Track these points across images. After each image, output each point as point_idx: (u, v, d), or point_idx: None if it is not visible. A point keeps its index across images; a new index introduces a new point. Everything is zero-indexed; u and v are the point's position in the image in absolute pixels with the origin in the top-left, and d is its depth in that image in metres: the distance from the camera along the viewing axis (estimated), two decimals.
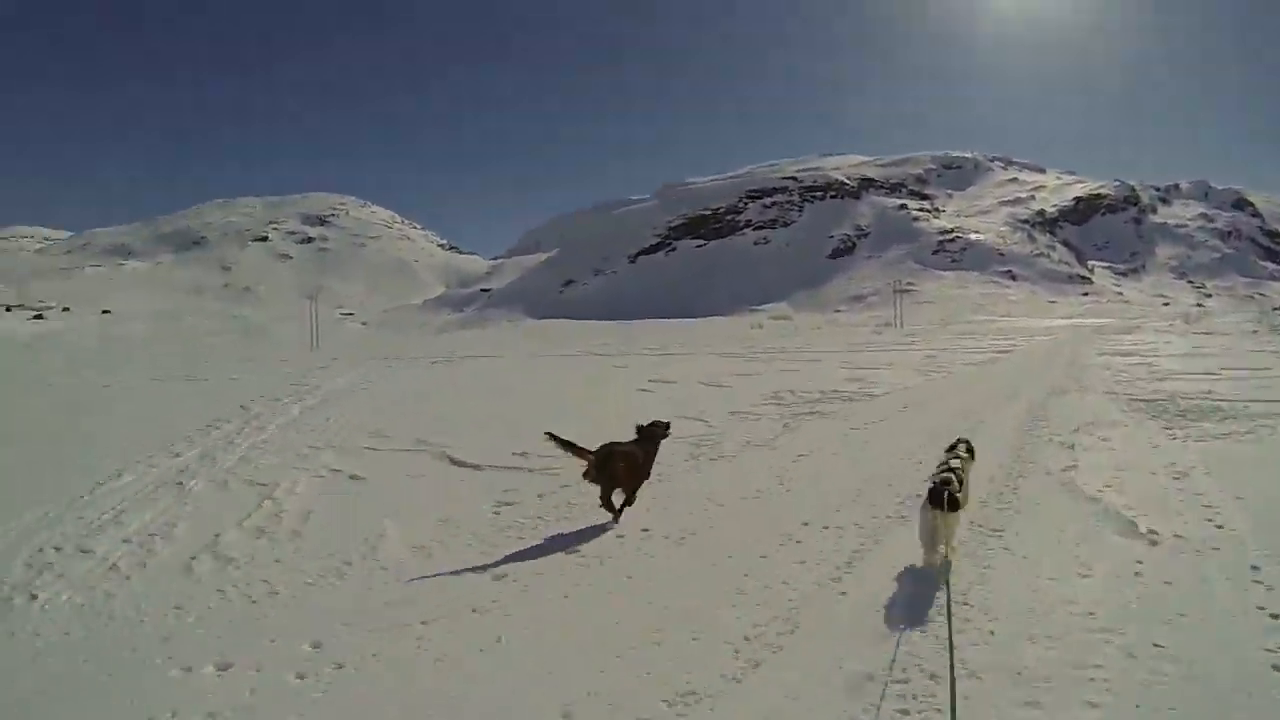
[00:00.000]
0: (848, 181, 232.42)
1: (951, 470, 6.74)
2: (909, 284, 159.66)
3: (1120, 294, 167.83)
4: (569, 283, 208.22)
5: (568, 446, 8.29)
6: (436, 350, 49.10)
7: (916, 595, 5.97)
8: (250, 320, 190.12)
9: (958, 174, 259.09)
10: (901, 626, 5.43)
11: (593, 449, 8.36)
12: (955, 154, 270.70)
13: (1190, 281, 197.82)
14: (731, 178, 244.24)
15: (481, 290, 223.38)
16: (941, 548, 6.40)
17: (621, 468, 8.39)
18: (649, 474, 8.93)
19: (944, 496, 6.27)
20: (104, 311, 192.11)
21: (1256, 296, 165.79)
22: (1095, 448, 10.86)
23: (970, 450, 7.54)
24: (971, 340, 46.18)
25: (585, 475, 8.32)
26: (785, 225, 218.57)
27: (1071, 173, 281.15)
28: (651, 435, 8.97)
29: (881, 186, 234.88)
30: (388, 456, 12.49)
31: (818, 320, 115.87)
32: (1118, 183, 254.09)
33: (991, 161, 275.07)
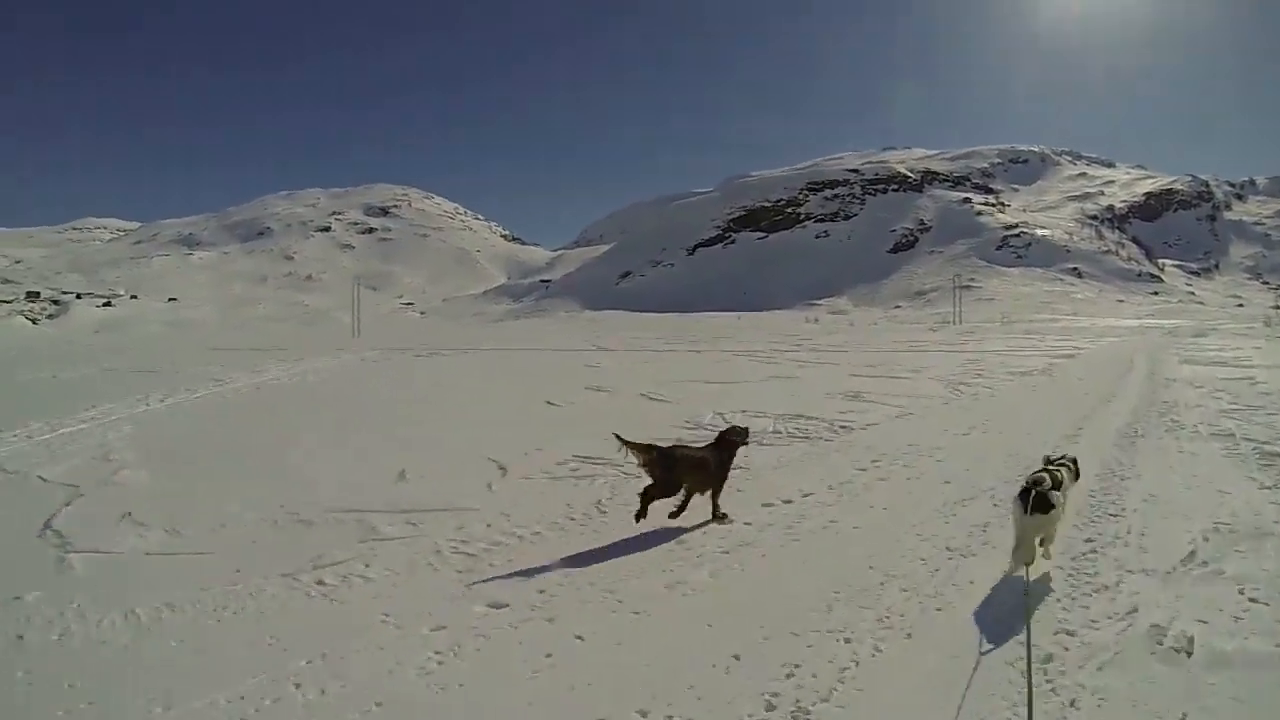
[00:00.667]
0: (910, 175, 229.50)
1: (1047, 470, 6.27)
2: (971, 280, 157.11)
3: (1192, 294, 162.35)
4: (626, 274, 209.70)
5: (634, 448, 7.74)
6: (463, 341, 49.20)
7: None
8: (311, 307, 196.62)
9: (1023, 168, 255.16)
10: None
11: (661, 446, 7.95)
12: (1021, 148, 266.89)
13: (1266, 282, 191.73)
14: (793, 170, 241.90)
15: (541, 281, 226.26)
16: (1027, 556, 5.91)
17: (685, 474, 7.82)
18: (724, 479, 8.24)
19: (1030, 495, 5.87)
20: (170, 299, 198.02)
21: None
22: (1259, 661, 4.65)
23: (1075, 469, 6.94)
24: (1030, 341, 40.83)
25: (651, 480, 7.76)
26: (846, 218, 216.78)
27: (1142, 167, 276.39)
28: (730, 443, 8.37)
29: (945, 180, 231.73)
30: (43, 494, 9.75)
31: (875, 315, 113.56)
32: (1190, 178, 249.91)
33: (1059, 155, 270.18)
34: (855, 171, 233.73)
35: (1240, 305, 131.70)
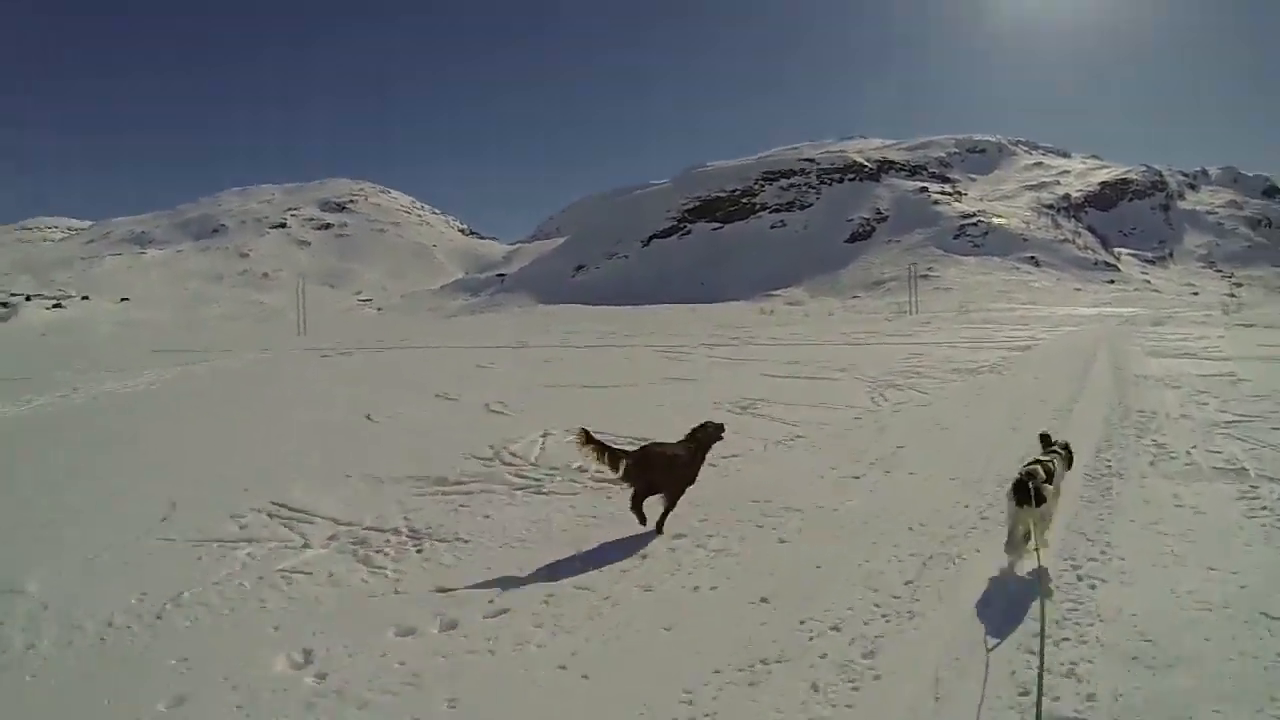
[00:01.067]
0: (867, 164, 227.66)
1: (1040, 463, 6.07)
2: (929, 269, 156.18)
3: (1148, 282, 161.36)
4: (580, 267, 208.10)
5: (601, 450, 7.25)
6: (397, 338, 45.95)
7: None
8: (268, 306, 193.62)
9: (980, 158, 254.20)
10: None
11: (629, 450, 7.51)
12: (978, 137, 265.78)
13: (1219, 271, 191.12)
14: (749, 161, 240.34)
15: (497, 275, 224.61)
16: (1022, 547, 5.69)
17: (658, 474, 7.38)
18: (694, 479, 7.75)
19: (1027, 489, 5.59)
20: (122, 299, 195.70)
21: None
22: None
23: (1069, 453, 6.84)
24: (985, 331, 37.38)
25: (622, 479, 7.32)
26: (802, 208, 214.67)
27: (1097, 157, 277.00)
28: (704, 437, 7.99)
29: (901, 169, 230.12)
30: None
31: (832, 306, 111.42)
32: (1144, 168, 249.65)
33: (1015, 145, 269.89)
34: (811, 161, 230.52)
35: (1195, 293, 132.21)
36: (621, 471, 7.22)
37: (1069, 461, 6.74)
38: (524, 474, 9.56)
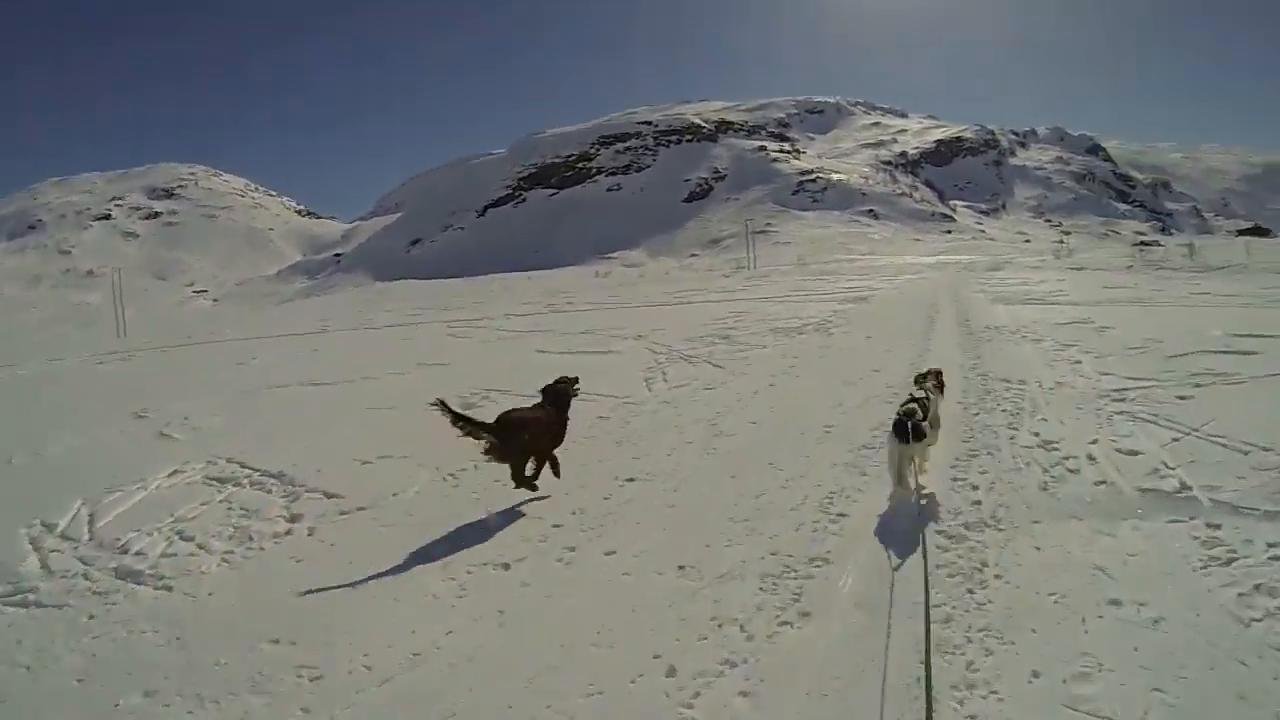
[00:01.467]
0: (705, 125, 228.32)
1: (916, 400, 6.21)
2: (767, 225, 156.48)
3: (983, 231, 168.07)
4: (416, 241, 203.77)
5: (461, 421, 6.39)
6: (208, 333, 39.64)
7: None
8: (94, 306, 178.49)
9: (819, 118, 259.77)
10: None
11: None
12: (817, 99, 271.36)
13: (1048, 220, 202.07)
14: (586, 126, 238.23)
15: (334, 256, 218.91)
16: (910, 480, 5.86)
17: (528, 437, 6.69)
18: (563, 437, 7.12)
19: (907, 427, 5.79)
20: None
21: (1110, 234, 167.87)
22: None
23: (940, 382, 6.99)
24: (820, 283, 34.77)
25: (488, 454, 6.54)
26: (639, 170, 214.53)
27: (933, 117, 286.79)
28: (559, 395, 7.20)
29: (740, 130, 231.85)
30: None
31: (670, 265, 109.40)
32: (978, 127, 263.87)
33: (854, 106, 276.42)
34: (648, 124, 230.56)
35: (1027, 240, 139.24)
36: (486, 446, 6.47)
37: (941, 389, 6.83)
38: (49, 562, 5.97)
